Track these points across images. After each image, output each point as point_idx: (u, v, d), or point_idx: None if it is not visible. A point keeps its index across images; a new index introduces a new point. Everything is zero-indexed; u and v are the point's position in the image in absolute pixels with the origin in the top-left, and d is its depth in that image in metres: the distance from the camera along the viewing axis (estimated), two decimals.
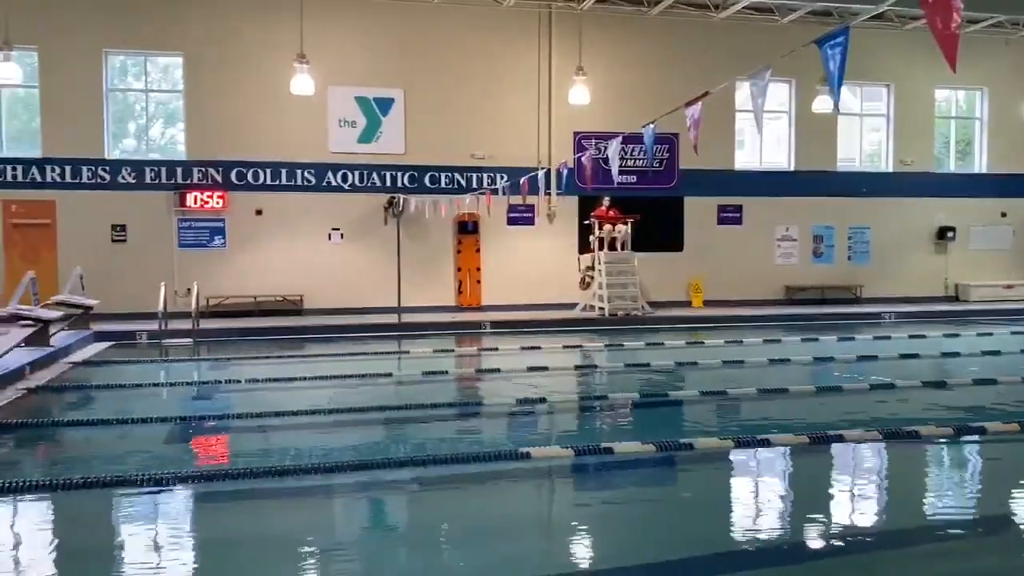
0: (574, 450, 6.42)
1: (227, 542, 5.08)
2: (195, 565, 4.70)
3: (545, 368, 10.85)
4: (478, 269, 18.38)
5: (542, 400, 8.60)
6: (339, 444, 7.25)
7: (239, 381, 10.13)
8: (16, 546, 5.13)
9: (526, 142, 18.38)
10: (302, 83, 15.74)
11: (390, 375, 10.82)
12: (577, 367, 11.93)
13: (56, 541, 5.27)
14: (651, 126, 9.89)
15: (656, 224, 18.73)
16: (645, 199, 18.75)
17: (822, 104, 18.71)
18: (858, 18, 17.16)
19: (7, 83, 15.85)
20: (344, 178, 17.67)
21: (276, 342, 14.34)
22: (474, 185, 18.12)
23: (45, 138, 16.35)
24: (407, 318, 16.35)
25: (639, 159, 18.79)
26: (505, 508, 5.64)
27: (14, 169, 16.22)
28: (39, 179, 16.33)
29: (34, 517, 5.68)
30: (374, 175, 17.82)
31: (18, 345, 10.41)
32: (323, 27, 16.85)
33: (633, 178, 18.90)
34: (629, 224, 17.70)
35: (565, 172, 14.41)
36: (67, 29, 16.17)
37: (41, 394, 9.25)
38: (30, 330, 11.02)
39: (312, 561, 4.70)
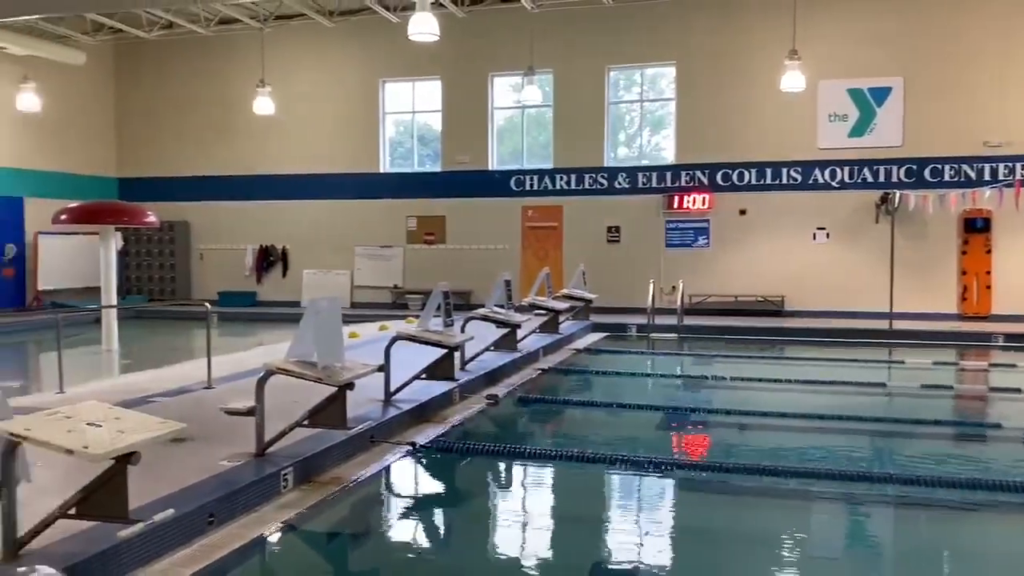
0: None
1: (698, 530, 5.26)
2: (668, 547, 4.94)
3: None
4: (988, 273, 16.06)
5: None
6: (820, 451, 6.98)
7: (723, 378, 10.31)
8: (521, 506, 5.92)
9: None
10: (792, 80, 15.34)
11: (882, 385, 10.06)
12: None
13: (552, 506, 5.98)
14: None
15: None
16: None
17: None
18: None
19: (530, 104, 18.33)
20: (832, 175, 16.87)
21: (756, 342, 14.29)
22: (986, 177, 15.88)
23: (556, 150, 18.54)
24: (899, 324, 14.99)
25: None
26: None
27: (531, 179, 18.68)
28: (550, 187, 18.57)
29: (539, 481, 6.49)
30: (865, 170, 16.69)
31: (534, 331, 12.00)
32: (814, 20, 16.27)
33: None
34: None
35: None
36: (578, 51, 18.09)
37: (551, 374, 10.52)
38: (543, 319, 12.62)
39: (778, 564, 4.59)
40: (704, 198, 17.35)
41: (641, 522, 5.44)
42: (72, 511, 3.82)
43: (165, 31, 18.85)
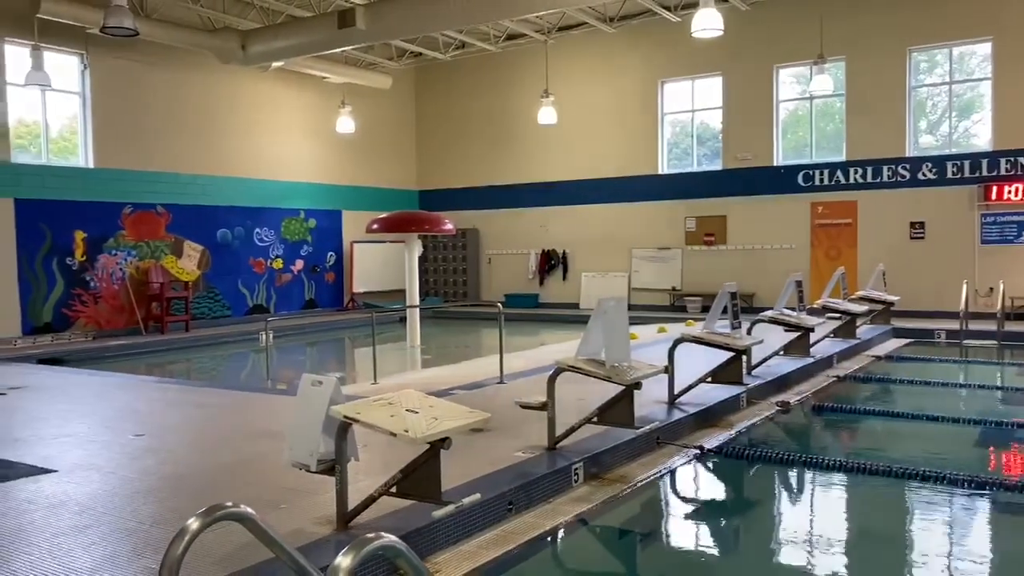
0: None
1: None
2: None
3: None
4: None
5: None
6: None
7: None
8: (813, 519, 5.54)
9: None
10: None
11: None
12: None
13: (847, 522, 5.54)
14: None
15: None
16: None
17: None
18: None
19: (821, 94, 17.22)
20: None
21: None
22: None
23: (849, 141, 17.25)
24: None
25: None
26: None
27: (820, 173, 17.56)
28: (842, 181, 17.32)
29: (833, 494, 6.05)
30: None
31: (828, 336, 11.27)
32: None
33: None
34: None
35: None
36: (874, 34, 16.68)
37: (848, 382, 9.81)
38: (838, 322, 11.81)
39: None
40: None
41: (952, 547, 4.89)
42: (393, 490, 4.21)
43: (458, 51, 20.27)
